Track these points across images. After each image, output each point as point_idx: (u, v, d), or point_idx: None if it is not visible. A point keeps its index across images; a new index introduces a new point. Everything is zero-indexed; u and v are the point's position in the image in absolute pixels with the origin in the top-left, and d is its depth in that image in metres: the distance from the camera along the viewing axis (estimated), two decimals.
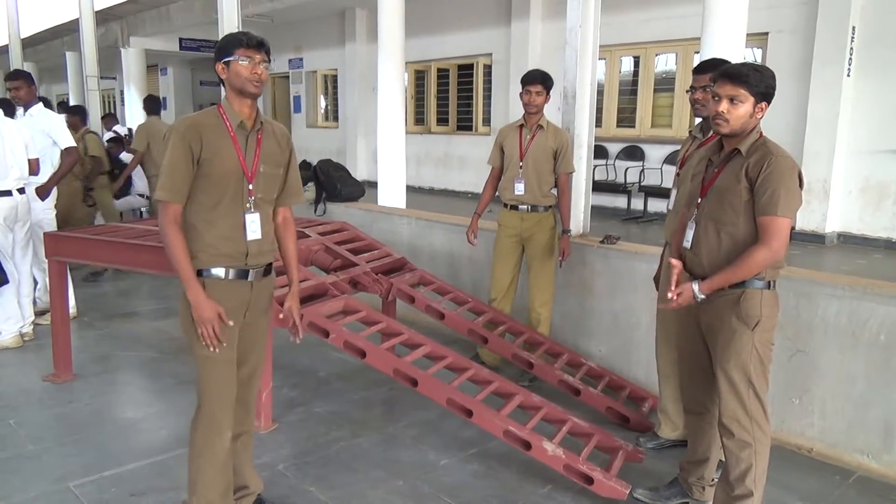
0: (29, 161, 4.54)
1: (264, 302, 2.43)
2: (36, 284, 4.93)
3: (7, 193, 4.39)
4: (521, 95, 3.93)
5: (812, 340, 3.15)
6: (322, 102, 14.67)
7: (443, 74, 11.76)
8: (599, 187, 8.30)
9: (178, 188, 2.17)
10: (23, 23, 10.96)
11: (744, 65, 2.31)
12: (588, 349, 4.12)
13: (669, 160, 8.28)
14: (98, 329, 4.96)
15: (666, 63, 8.86)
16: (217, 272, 2.25)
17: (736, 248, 2.30)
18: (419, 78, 12.16)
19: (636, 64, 9.11)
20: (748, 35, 3.89)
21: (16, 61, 10.42)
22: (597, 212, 5.36)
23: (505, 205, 4.07)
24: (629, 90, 9.26)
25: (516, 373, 3.90)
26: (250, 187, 2.26)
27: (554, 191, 4.01)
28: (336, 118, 14.09)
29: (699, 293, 2.31)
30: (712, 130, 2.47)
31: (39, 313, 4.91)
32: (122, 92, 15.30)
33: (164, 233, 2.19)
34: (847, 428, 3.09)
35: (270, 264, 2.41)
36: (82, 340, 4.61)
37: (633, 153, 8.91)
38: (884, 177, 6.89)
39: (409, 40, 6.05)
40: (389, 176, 5.88)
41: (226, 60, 2.19)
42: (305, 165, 5.90)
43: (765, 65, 2.44)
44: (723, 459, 2.47)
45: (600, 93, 8.55)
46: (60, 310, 3.96)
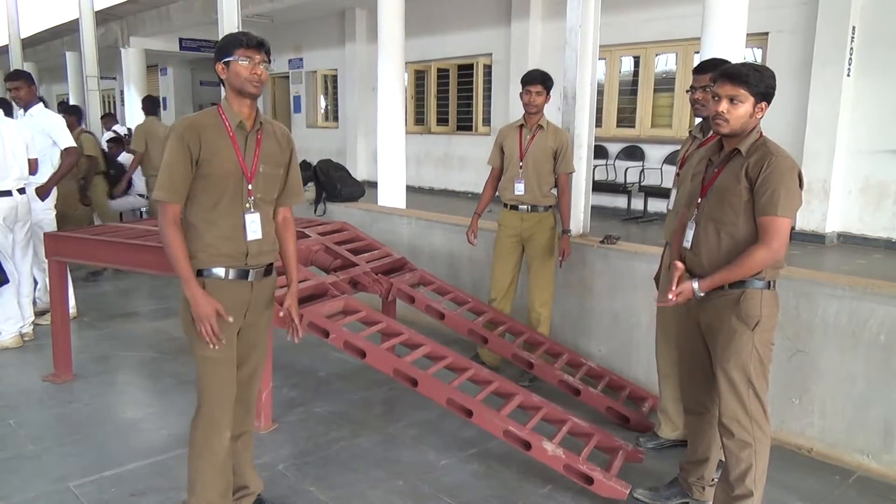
0: (28, 161, 4.55)
1: (265, 302, 2.42)
2: (36, 284, 4.93)
3: (7, 193, 4.39)
4: (521, 95, 3.93)
5: (812, 340, 3.15)
6: (322, 102, 14.67)
7: (443, 74, 11.76)
8: (599, 187, 8.30)
9: (177, 188, 2.18)
10: (23, 23, 10.94)
11: (744, 65, 2.31)
12: (588, 349, 4.12)
13: (669, 160, 8.29)
14: (98, 329, 4.96)
15: (666, 63, 8.86)
16: (217, 272, 2.25)
17: (736, 248, 2.31)
18: (419, 78, 12.16)
19: (636, 64, 9.11)
20: (748, 35, 3.89)
21: (16, 61, 10.41)
22: (597, 212, 5.36)
23: (505, 205, 4.07)
24: (629, 90, 9.26)
25: (516, 373, 3.90)
26: (250, 187, 2.26)
27: (554, 191, 4.01)
28: (336, 118, 14.09)
29: (698, 290, 2.31)
30: (712, 130, 2.47)
31: (39, 313, 4.91)
32: (122, 92, 15.30)
33: (164, 233, 2.19)
34: (847, 428, 3.09)
35: (271, 264, 2.41)
36: (82, 340, 4.61)
37: (633, 153, 8.91)
38: (884, 177, 6.89)
39: (409, 40, 6.05)
40: (389, 176, 5.89)
41: (226, 60, 2.19)
42: (305, 165, 5.89)
43: (765, 65, 2.44)
44: (723, 459, 2.47)
45: (600, 93, 8.55)
46: (60, 310, 3.96)
